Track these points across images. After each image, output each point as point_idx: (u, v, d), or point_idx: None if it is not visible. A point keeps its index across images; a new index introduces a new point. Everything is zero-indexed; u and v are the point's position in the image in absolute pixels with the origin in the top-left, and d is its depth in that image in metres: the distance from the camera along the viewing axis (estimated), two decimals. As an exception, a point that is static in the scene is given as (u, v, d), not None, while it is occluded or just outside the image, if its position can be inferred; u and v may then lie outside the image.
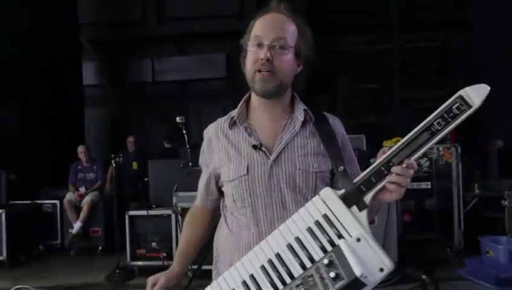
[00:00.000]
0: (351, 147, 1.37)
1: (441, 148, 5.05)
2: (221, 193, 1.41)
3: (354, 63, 9.09)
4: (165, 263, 4.50)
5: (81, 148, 6.23)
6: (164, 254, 4.53)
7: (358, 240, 1.01)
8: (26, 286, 4.14)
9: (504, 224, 4.64)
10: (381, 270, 0.97)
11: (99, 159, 6.40)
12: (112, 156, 4.96)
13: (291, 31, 1.28)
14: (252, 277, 1.09)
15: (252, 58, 1.27)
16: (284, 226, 1.11)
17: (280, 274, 1.05)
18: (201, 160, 1.44)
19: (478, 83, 1.04)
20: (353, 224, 1.05)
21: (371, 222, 1.23)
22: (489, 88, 1.02)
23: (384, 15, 9.00)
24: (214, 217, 1.46)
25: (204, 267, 1.60)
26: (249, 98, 1.38)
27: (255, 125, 1.33)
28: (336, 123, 1.36)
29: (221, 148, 1.35)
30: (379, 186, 1.07)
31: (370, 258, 0.98)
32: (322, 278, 0.98)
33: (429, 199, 5.16)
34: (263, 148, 1.28)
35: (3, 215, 5.18)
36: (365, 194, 1.08)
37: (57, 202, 5.98)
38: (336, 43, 9.21)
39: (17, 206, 5.76)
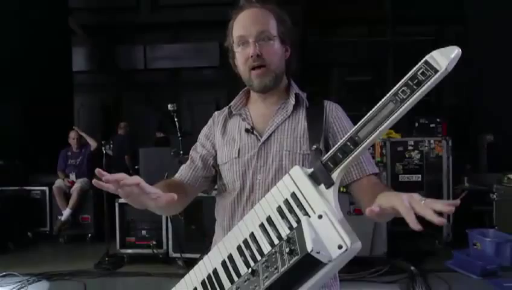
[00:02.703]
0: (346, 122, 1.35)
1: (432, 141, 5.08)
2: (207, 178, 1.41)
3: (347, 55, 9.09)
4: (155, 251, 4.50)
5: (73, 134, 6.11)
6: (154, 242, 4.52)
7: (320, 217, 0.98)
8: (14, 273, 4.11)
9: (492, 217, 4.70)
10: (340, 247, 0.93)
11: (88, 145, 6.31)
12: (102, 142, 4.92)
13: (270, 20, 1.30)
14: (230, 256, 1.12)
15: (242, 58, 1.30)
16: (258, 205, 1.13)
17: (253, 253, 1.07)
18: (199, 137, 1.46)
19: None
20: (318, 201, 1.02)
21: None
22: (459, 50, 0.93)
23: (377, 7, 8.98)
24: (187, 194, 1.38)
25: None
26: (248, 90, 1.42)
27: (252, 113, 1.38)
28: (332, 108, 1.36)
29: (219, 134, 1.41)
30: (346, 162, 1.03)
31: (329, 235, 0.95)
32: (281, 254, 0.98)
33: (419, 191, 5.15)
34: (255, 132, 1.33)
35: (-9, 201, 5.14)
36: (333, 171, 1.04)
37: (45, 188, 5.91)
38: (329, 35, 9.18)
39: (5, 193, 5.69)
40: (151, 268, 4.37)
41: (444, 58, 0.92)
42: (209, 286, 1.13)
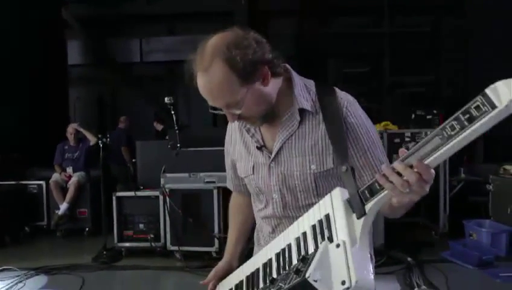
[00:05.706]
0: (364, 137, 1.21)
1: (429, 133, 5.09)
2: None
3: (344, 46, 9.06)
4: (153, 244, 4.51)
5: (71, 130, 6.07)
6: (151, 235, 4.52)
7: (338, 246, 0.95)
8: (12, 267, 4.11)
9: (488, 208, 4.73)
10: (343, 283, 0.89)
11: (86, 139, 6.30)
12: (99, 136, 4.90)
13: (226, 85, 1.11)
14: (270, 261, 1.17)
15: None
16: (301, 219, 1.15)
17: (285, 263, 1.10)
18: (225, 146, 1.47)
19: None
20: (342, 229, 0.99)
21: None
22: None
23: (375, -2, 8.96)
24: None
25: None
26: None
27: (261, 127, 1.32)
28: (351, 113, 1.24)
29: (237, 143, 1.39)
30: (382, 194, 0.94)
31: (338, 267, 0.92)
32: (293, 271, 0.99)
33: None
34: (264, 149, 1.29)
35: (-12, 195, 5.12)
36: (368, 201, 0.97)
37: (42, 182, 5.88)
38: (327, 26, 9.15)
39: (2, 187, 5.67)
40: (149, 261, 4.38)
41: (507, 92, 0.73)
42: (250, 282, 1.22)
